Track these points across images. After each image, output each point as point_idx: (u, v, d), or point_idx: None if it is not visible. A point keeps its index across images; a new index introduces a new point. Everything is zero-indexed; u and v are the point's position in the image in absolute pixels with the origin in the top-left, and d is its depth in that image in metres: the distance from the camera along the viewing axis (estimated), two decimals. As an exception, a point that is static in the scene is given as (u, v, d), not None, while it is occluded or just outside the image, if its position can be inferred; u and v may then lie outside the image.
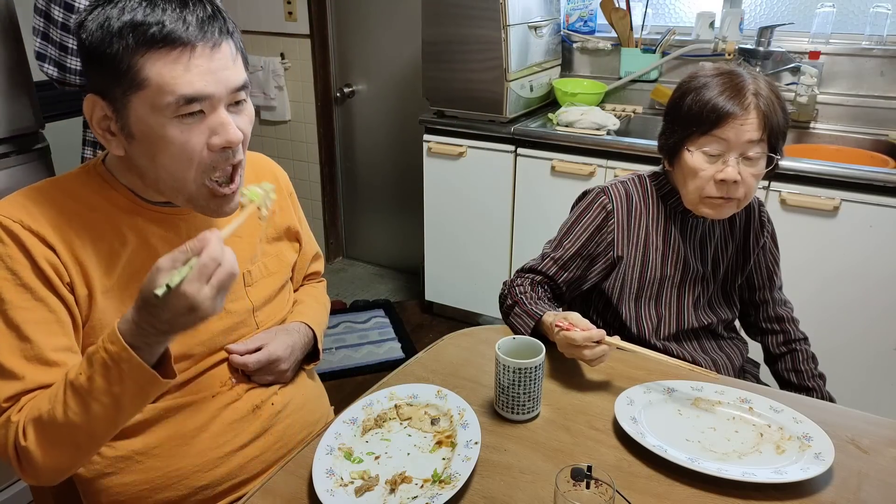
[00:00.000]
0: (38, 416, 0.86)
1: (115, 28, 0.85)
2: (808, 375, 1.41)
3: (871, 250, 2.04)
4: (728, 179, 1.22)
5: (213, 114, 0.90)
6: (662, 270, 1.36)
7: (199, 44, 0.87)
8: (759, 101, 1.20)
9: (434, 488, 0.92)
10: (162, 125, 0.88)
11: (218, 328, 1.07)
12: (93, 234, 0.95)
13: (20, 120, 1.80)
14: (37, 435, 0.86)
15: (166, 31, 0.85)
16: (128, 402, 0.86)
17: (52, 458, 0.88)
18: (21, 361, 0.89)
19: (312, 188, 3.60)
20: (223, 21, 0.90)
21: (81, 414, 0.85)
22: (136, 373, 0.83)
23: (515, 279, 1.39)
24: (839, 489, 0.95)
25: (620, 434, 1.05)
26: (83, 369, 0.85)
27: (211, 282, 0.79)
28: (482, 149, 2.62)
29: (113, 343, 0.82)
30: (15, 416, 0.88)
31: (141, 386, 0.85)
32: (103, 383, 0.84)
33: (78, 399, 0.85)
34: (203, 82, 0.87)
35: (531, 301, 1.30)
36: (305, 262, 1.29)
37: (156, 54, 0.85)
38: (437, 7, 2.54)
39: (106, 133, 0.92)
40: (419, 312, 3.16)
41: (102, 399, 0.84)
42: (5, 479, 1.89)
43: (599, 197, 1.35)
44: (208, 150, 0.91)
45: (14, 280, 0.90)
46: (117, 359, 0.82)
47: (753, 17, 2.66)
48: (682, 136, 1.26)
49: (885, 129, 2.39)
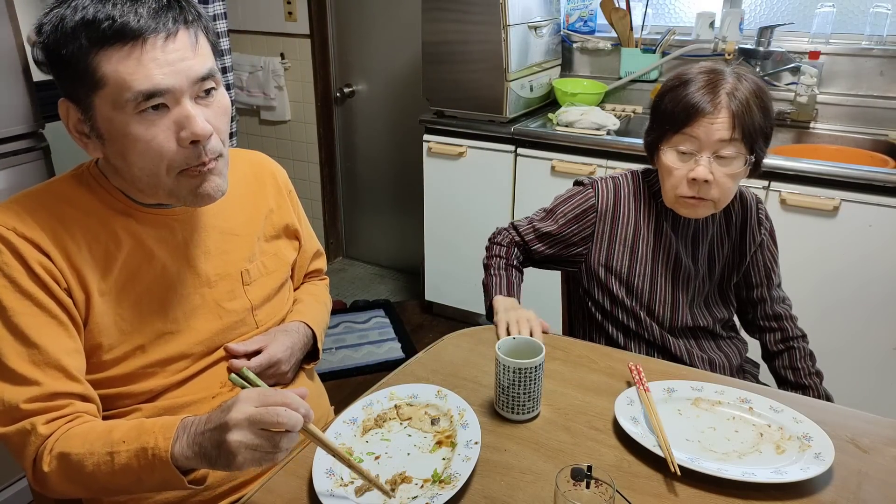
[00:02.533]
0: (67, 454, 0.86)
1: (68, 28, 0.84)
2: (805, 373, 1.41)
3: (871, 250, 2.04)
4: (699, 178, 1.22)
5: (178, 107, 0.88)
6: (653, 265, 1.37)
7: (151, 36, 0.84)
8: (730, 101, 1.20)
9: (434, 488, 0.92)
10: (125, 123, 0.86)
11: (216, 327, 1.07)
12: (88, 238, 0.95)
13: (20, 120, 1.80)
14: (59, 469, 0.87)
15: (117, 27, 0.83)
16: (149, 488, 0.88)
17: (64, 490, 0.90)
18: (31, 367, 0.89)
19: (312, 188, 3.60)
20: (178, 9, 0.87)
21: (107, 474, 0.85)
22: (167, 473, 0.82)
23: (500, 232, 1.51)
24: (839, 489, 0.95)
25: (620, 434, 1.05)
26: (129, 438, 0.84)
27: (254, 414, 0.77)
28: (482, 149, 2.62)
29: (165, 438, 0.82)
30: (42, 427, 0.87)
31: (168, 483, 0.84)
32: (136, 465, 0.83)
33: (109, 461, 0.84)
34: (161, 75, 0.85)
35: (497, 271, 1.43)
36: (306, 260, 1.29)
37: (108, 51, 0.83)
38: (437, 7, 2.54)
39: (82, 136, 0.91)
40: (419, 312, 3.16)
41: (129, 475, 0.84)
42: (5, 479, 1.89)
43: (586, 190, 1.40)
44: (178, 146, 0.89)
45: (13, 287, 0.89)
46: (157, 454, 0.82)
47: (753, 17, 2.66)
48: (658, 133, 1.28)
49: (884, 128, 2.39)
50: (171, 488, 0.89)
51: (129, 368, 0.99)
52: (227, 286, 1.08)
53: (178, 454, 0.82)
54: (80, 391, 0.92)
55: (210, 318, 1.06)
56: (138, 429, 0.85)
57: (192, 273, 1.04)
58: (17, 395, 0.88)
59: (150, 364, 1.00)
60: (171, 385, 1.02)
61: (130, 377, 0.99)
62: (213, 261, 1.07)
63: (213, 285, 1.07)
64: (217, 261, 1.07)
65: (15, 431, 0.88)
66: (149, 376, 1.00)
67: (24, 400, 0.88)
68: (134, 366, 0.99)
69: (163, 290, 1.01)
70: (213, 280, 1.07)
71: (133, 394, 1.00)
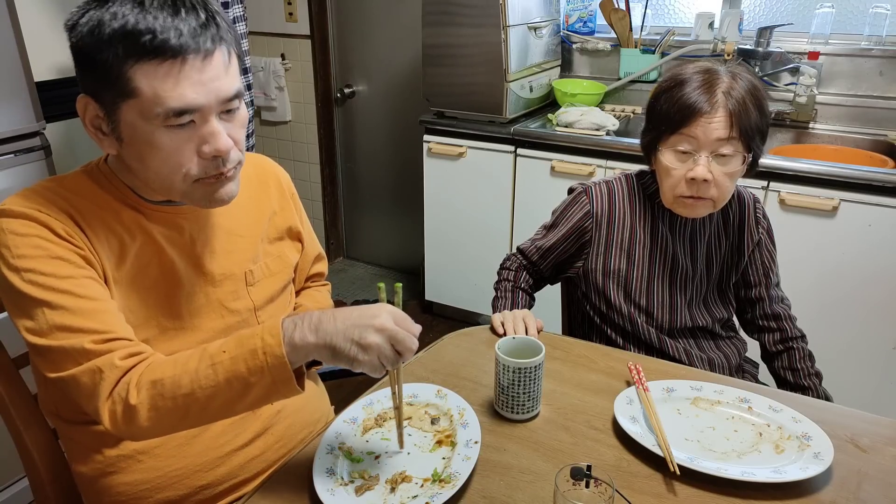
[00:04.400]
0: (158, 379, 0.85)
1: (105, 35, 0.83)
2: (805, 374, 1.41)
3: (870, 250, 2.04)
4: (698, 178, 1.22)
5: (204, 124, 0.89)
6: (650, 267, 1.37)
7: (191, 55, 0.85)
8: (727, 100, 1.20)
9: (434, 488, 0.92)
10: (150, 133, 0.87)
11: (219, 327, 1.07)
12: (104, 228, 0.95)
13: (20, 120, 1.80)
14: (152, 397, 0.85)
15: (157, 42, 0.83)
16: (254, 396, 0.86)
17: (155, 423, 0.87)
18: (84, 317, 0.87)
19: (313, 189, 3.60)
20: (216, 28, 0.88)
21: (208, 388, 0.85)
22: (279, 372, 0.84)
23: (510, 258, 1.53)
24: (838, 489, 0.95)
25: (620, 434, 1.05)
26: (228, 347, 0.85)
27: (395, 329, 0.85)
28: (482, 149, 2.62)
29: (273, 336, 0.84)
30: (119, 361, 0.86)
31: (276, 386, 0.85)
32: (244, 369, 0.84)
33: (212, 373, 0.85)
34: (194, 94, 0.86)
35: (503, 295, 1.46)
36: (308, 263, 1.29)
37: (146, 65, 0.84)
38: (438, 8, 2.54)
39: (98, 132, 0.92)
40: (419, 312, 3.16)
41: (235, 383, 0.85)
42: (5, 479, 1.89)
43: (580, 197, 1.40)
44: (199, 157, 0.91)
45: (47, 254, 0.89)
46: (269, 351, 0.83)
47: (753, 17, 2.67)
48: (656, 134, 1.28)
49: (884, 129, 2.39)
50: (273, 396, 0.87)
51: None
52: (231, 286, 1.09)
53: (298, 341, 0.84)
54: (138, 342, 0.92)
55: (213, 318, 1.06)
56: (237, 337, 0.86)
57: (198, 271, 1.05)
58: (81, 340, 0.86)
59: None
60: None
61: None
62: (219, 260, 1.07)
63: (218, 285, 1.07)
64: (222, 260, 1.08)
65: (86, 370, 0.86)
66: None
67: (88, 342, 0.86)
68: None
69: (169, 286, 1.02)
70: (217, 279, 1.07)
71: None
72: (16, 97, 1.78)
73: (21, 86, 1.78)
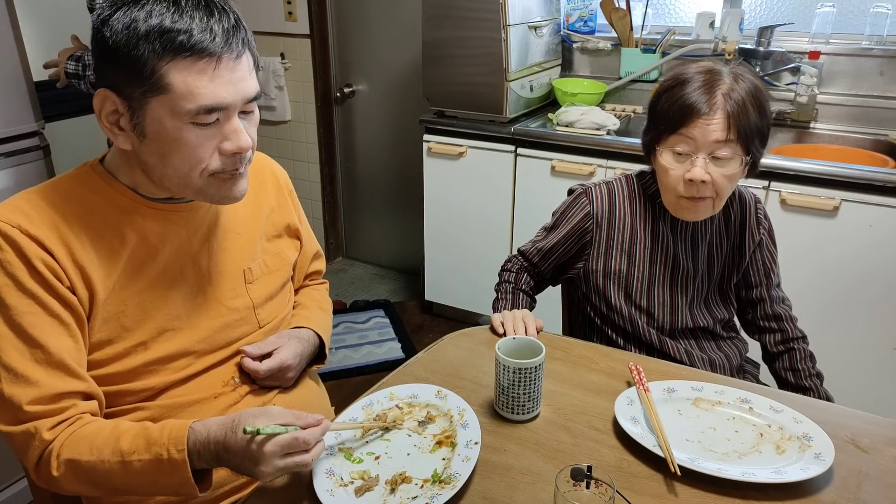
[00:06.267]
0: (76, 460, 0.89)
1: (141, 31, 0.85)
2: (806, 374, 1.41)
3: (871, 250, 2.04)
4: (695, 179, 1.22)
5: (228, 122, 0.92)
6: (651, 268, 1.37)
7: (225, 55, 0.89)
8: (726, 102, 1.20)
9: (434, 488, 0.92)
10: (178, 129, 0.89)
11: (218, 325, 1.07)
12: (92, 236, 0.96)
13: (20, 120, 1.80)
14: (69, 474, 0.90)
15: (194, 41, 0.86)
16: (160, 491, 0.93)
17: (75, 490, 0.93)
18: (34, 366, 0.90)
19: (312, 188, 3.60)
20: (245, 31, 0.92)
21: (119, 479, 0.89)
22: (182, 481, 0.87)
23: (510, 260, 1.53)
24: (839, 489, 0.95)
25: (620, 434, 1.05)
26: (137, 449, 0.88)
27: (286, 459, 0.85)
28: (482, 149, 2.62)
29: (179, 451, 0.87)
30: (46, 433, 0.89)
31: (178, 488, 0.89)
32: (150, 471, 0.88)
33: (122, 470, 0.89)
34: (224, 93, 0.89)
35: (504, 296, 1.46)
36: (306, 261, 1.29)
37: (182, 62, 0.86)
38: (438, 7, 2.54)
39: (114, 127, 0.93)
40: (419, 313, 3.16)
41: (142, 481, 0.89)
42: (5, 479, 1.89)
43: (580, 198, 1.40)
44: (219, 154, 0.93)
45: (15, 286, 0.90)
46: (174, 465, 0.87)
47: (753, 17, 2.66)
48: (655, 134, 1.28)
49: (884, 128, 2.39)
50: (178, 495, 0.92)
51: (131, 365, 0.99)
52: (229, 284, 1.09)
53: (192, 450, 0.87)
54: (83, 388, 0.93)
55: (212, 316, 1.06)
56: (146, 440, 0.89)
57: (195, 270, 1.05)
58: (21, 396, 0.89)
59: (151, 361, 1.00)
60: (172, 383, 1.02)
61: (131, 374, 0.99)
62: (216, 258, 1.07)
63: (216, 283, 1.07)
64: (220, 258, 1.08)
65: (19, 432, 0.90)
66: (150, 374, 1.01)
67: (27, 401, 0.89)
68: (135, 363, 0.99)
69: (166, 286, 1.01)
70: (215, 277, 1.07)
71: (134, 391, 1.00)
72: (15, 97, 1.78)
73: (20, 86, 1.78)
